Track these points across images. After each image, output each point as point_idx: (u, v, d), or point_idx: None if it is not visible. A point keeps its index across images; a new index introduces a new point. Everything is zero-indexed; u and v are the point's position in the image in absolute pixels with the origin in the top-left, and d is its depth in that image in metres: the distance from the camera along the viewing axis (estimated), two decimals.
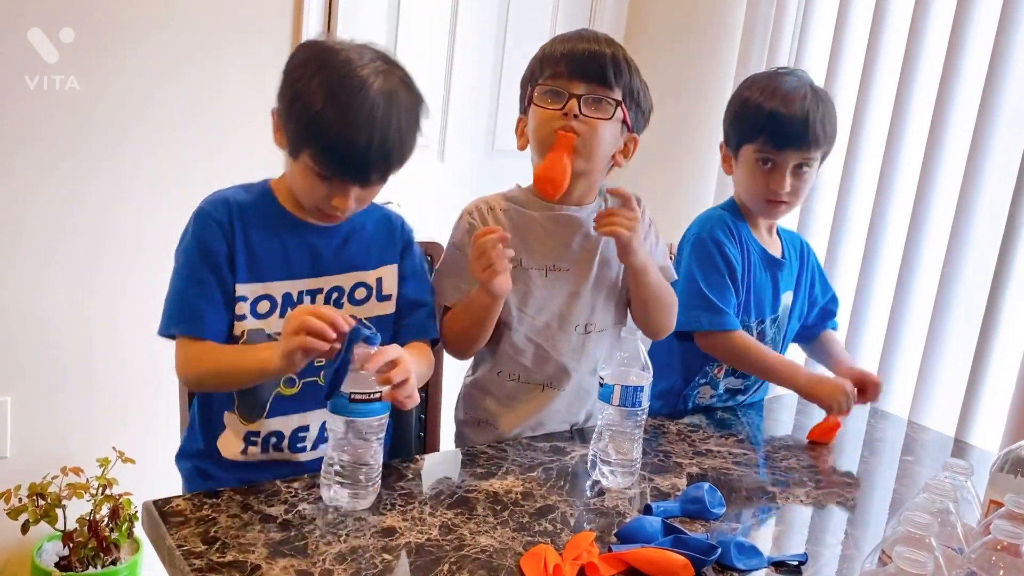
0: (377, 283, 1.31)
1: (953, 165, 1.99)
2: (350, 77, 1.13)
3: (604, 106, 1.34)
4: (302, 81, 1.15)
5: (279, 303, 1.24)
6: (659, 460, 1.35)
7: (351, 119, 1.12)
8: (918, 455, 1.55)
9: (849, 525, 1.21)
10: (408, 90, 1.19)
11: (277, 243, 1.25)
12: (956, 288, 1.95)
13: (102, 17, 1.95)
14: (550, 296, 1.41)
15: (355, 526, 1.05)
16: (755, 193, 1.58)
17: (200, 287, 1.21)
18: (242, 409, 1.26)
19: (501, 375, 1.45)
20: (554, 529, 1.09)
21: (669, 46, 2.70)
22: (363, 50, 1.18)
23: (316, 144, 1.15)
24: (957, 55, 1.95)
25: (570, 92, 1.33)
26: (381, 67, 1.17)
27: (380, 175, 1.20)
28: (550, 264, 1.41)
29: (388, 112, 1.14)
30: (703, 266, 1.56)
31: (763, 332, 1.65)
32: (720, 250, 1.57)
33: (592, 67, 1.34)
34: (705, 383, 1.65)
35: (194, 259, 1.22)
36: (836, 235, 2.23)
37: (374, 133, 1.13)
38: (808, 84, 1.56)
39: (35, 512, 1.87)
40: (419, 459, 1.29)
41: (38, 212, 1.97)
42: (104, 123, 2.00)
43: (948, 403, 1.96)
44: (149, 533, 1.06)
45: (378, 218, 1.35)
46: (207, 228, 1.23)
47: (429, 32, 2.43)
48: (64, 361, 2.06)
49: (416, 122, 1.20)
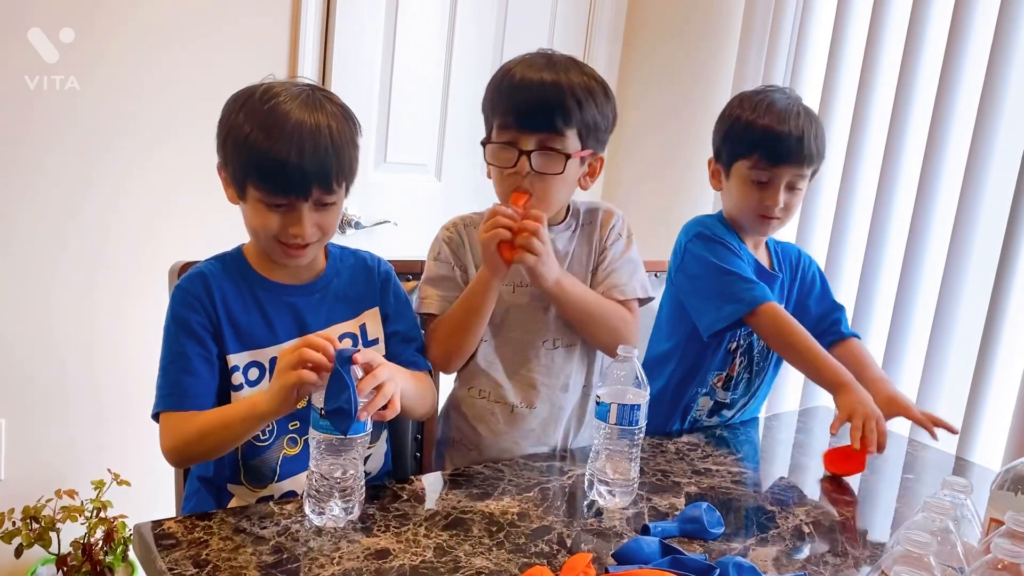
0: (361, 330, 1.33)
1: (952, 174, 1.98)
2: (271, 100, 1.18)
3: (556, 160, 1.33)
4: (230, 119, 1.20)
5: (267, 368, 1.25)
6: (657, 479, 1.34)
7: (278, 134, 1.15)
8: (918, 473, 1.53)
9: (849, 544, 1.19)
10: (334, 105, 1.22)
11: (257, 309, 1.26)
12: (956, 304, 1.95)
13: (102, 17, 1.96)
14: (518, 311, 1.43)
15: (348, 548, 1.03)
16: (748, 209, 1.58)
17: (180, 360, 1.21)
18: (250, 479, 1.26)
19: (472, 391, 1.46)
20: (550, 550, 1.08)
21: (667, 48, 2.71)
22: (285, 82, 1.23)
23: (253, 169, 1.18)
24: (957, 56, 1.95)
25: (520, 149, 1.33)
26: (301, 88, 1.22)
27: (323, 189, 1.19)
28: (517, 280, 1.42)
29: (315, 123, 1.17)
30: (719, 254, 1.56)
31: (751, 344, 1.64)
32: (723, 241, 1.58)
33: (542, 118, 1.32)
34: (705, 393, 1.64)
35: (173, 335, 1.22)
36: (835, 252, 2.22)
37: (303, 143, 1.15)
38: (798, 101, 1.57)
39: (29, 536, 1.86)
40: (414, 480, 1.27)
41: (36, 215, 1.97)
42: (104, 123, 2.00)
43: (949, 420, 1.94)
44: (140, 556, 1.04)
45: (352, 264, 1.36)
46: (184, 304, 1.23)
47: (425, 54, 2.45)
48: (59, 383, 2.06)
49: (349, 135, 1.22)
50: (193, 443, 1.18)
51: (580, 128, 1.34)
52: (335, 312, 1.31)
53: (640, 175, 2.78)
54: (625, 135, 2.82)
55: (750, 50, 2.41)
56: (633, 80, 2.81)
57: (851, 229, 2.20)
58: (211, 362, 1.22)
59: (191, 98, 2.09)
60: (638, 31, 2.80)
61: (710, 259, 1.56)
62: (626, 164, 2.82)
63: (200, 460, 1.25)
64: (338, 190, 1.22)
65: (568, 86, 1.32)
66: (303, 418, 1.25)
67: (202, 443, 1.18)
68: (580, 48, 2.74)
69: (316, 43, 2.24)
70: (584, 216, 1.50)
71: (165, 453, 1.20)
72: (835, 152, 2.21)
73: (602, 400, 1.20)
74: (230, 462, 1.26)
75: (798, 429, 1.70)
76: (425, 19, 2.42)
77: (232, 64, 2.13)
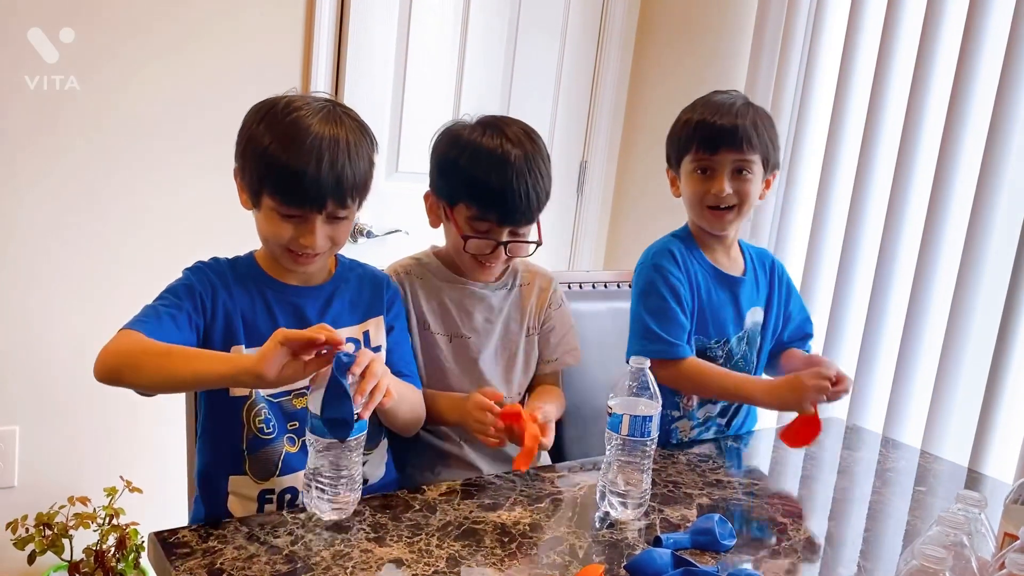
0: (364, 336, 1.35)
1: (966, 181, 1.96)
2: (292, 113, 1.21)
3: (526, 247, 1.45)
4: (251, 129, 1.23)
5: None
6: (668, 490, 1.34)
7: (297, 147, 1.18)
8: (931, 486, 1.53)
9: (861, 557, 1.19)
10: (353, 121, 1.26)
11: (265, 311, 1.28)
12: (969, 316, 1.93)
13: (102, 17, 1.97)
14: (455, 362, 1.49)
15: (361, 558, 1.04)
16: (698, 204, 1.59)
17: (172, 307, 1.21)
18: (255, 470, 1.27)
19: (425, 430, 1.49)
20: (562, 561, 1.08)
21: (678, 53, 2.71)
22: (306, 96, 1.27)
23: (271, 180, 1.21)
24: (972, 52, 1.93)
25: (497, 240, 1.41)
26: (322, 103, 1.25)
27: (338, 203, 1.22)
28: (454, 332, 1.49)
29: (334, 138, 1.21)
30: (646, 297, 1.58)
31: (730, 352, 1.64)
32: (662, 276, 1.58)
33: (523, 213, 1.40)
34: (681, 417, 1.64)
35: (174, 290, 1.24)
36: (846, 262, 2.20)
37: (322, 157, 1.19)
38: (741, 98, 1.61)
39: (42, 542, 1.87)
40: (426, 490, 1.28)
41: (42, 220, 1.97)
42: (104, 123, 2.01)
43: (962, 432, 1.94)
44: (155, 565, 1.05)
45: (361, 275, 1.40)
46: (199, 274, 1.27)
47: (437, 63, 2.46)
48: (72, 390, 2.06)
49: (366, 151, 1.25)
50: (132, 353, 1.11)
51: (541, 211, 1.44)
52: (340, 316, 1.33)
53: (650, 180, 2.77)
54: (636, 140, 2.82)
55: (762, 55, 2.40)
56: (644, 85, 2.81)
57: (863, 236, 2.18)
58: (193, 330, 1.22)
59: (193, 99, 2.09)
60: (649, 36, 2.80)
61: (638, 305, 1.59)
62: (637, 168, 2.82)
63: (125, 375, 1.12)
64: (351, 205, 1.25)
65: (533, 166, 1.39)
66: (301, 419, 1.27)
67: (140, 357, 1.10)
68: (591, 54, 2.76)
69: (329, 52, 2.25)
70: (521, 277, 1.56)
71: (97, 358, 1.12)
72: (848, 156, 2.21)
73: (614, 411, 1.20)
74: (233, 452, 1.26)
75: None
76: (437, 29, 2.43)
77: (237, 67, 2.13)
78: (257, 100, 1.27)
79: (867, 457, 1.61)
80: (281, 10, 2.18)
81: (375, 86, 2.35)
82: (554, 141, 2.73)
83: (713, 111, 1.56)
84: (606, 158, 2.84)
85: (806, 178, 2.34)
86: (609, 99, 2.80)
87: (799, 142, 2.33)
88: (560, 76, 2.71)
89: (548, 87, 2.69)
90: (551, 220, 2.78)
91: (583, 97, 2.78)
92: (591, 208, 2.85)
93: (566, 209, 2.82)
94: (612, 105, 2.81)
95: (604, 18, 2.75)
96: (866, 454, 1.63)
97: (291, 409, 1.28)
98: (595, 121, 2.80)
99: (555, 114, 2.73)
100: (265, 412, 1.26)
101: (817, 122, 2.31)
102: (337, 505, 1.12)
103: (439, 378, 1.48)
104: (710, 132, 1.54)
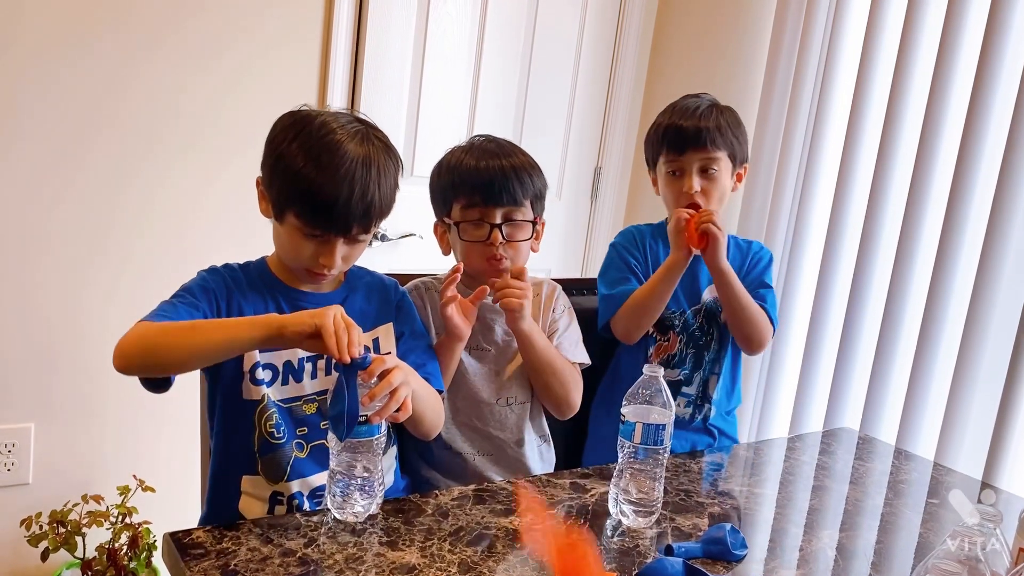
0: (375, 343, 1.36)
1: (984, 190, 1.95)
2: (328, 136, 1.21)
3: (523, 227, 1.49)
4: (283, 145, 1.22)
5: (280, 371, 1.28)
6: (680, 499, 1.34)
7: (331, 174, 1.19)
8: (943, 498, 1.52)
9: (873, 569, 1.19)
10: (384, 146, 1.27)
11: (275, 311, 1.29)
12: (984, 328, 1.92)
13: (123, 27, 1.97)
14: (476, 371, 1.54)
15: (375, 562, 1.04)
16: (672, 202, 1.70)
17: (190, 305, 1.22)
18: (267, 471, 1.28)
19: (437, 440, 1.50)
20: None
21: (696, 56, 2.71)
22: (339, 115, 1.27)
23: (299, 202, 1.21)
24: (992, 56, 1.92)
25: (490, 222, 1.46)
26: (357, 127, 1.25)
27: (362, 228, 1.24)
28: (475, 344, 1.53)
29: (367, 165, 1.21)
30: (603, 270, 1.77)
31: (686, 322, 1.74)
32: (617, 252, 1.77)
33: (505, 190, 1.45)
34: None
35: (194, 289, 1.26)
36: (862, 263, 2.19)
37: (354, 186, 1.19)
38: (709, 100, 1.72)
39: (55, 540, 1.88)
40: (438, 494, 1.28)
41: (66, 220, 1.99)
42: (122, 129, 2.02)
43: (975, 445, 1.93)
44: (169, 565, 1.06)
45: (369, 283, 1.41)
46: (214, 275, 1.29)
47: (453, 67, 2.47)
48: (87, 389, 2.08)
49: (394, 177, 1.27)
50: (156, 335, 1.12)
51: (533, 196, 1.50)
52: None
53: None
54: None
55: (779, 61, 2.39)
56: (659, 92, 2.80)
57: (879, 244, 2.17)
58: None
59: (212, 108, 2.10)
60: (665, 43, 2.80)
61: (600, 283, 1.76)
62: None
63: (151, 356, 1.14)
64: (374, 228, 1.27)
65: (517, 160, 1.49)
66: (310, 424, 1.29)
67: (165, 336, 1.12)
68: (608, 59, 2.76)
69: (347, 55, 2.26)
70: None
71: (116, 348, 1.14)
72: (865, 163, 2.20)
73: (627, 419, 1.21)
74: (246, 454, 1.28)
75: (822, 451, 1.69)
76: (454, 33, 2.44)
77: (255, 75, 2.14)
78: (272, 106, 1.27)
79: (880, 468, 1.61)
80: (299, 17, 2.18)
81: (392, 89, 2.36)
82: (569, 146, 2.74)
83: (680, 115, 1.68)
84: (621, 164, 2.84)
85: (822, 184, 2.32)
86: (624, 106, 2.80)
87: (816, 149, 2.32)
88: (576, 83, 2.71)
89: (564, 94, 2.70)
90: (565, 225, 2.79)
91: (598, 104, 2.78)
92: (605, 213, 2.85)
93: (580, 214, 2.83)
94: (627, 112, 2.81)
95: (620, 26, 2.75)
96: (879, 465, 1.62)
97: (301, 415, 1.29)
98: (610, 127, 2.80)
99: (570, 120, 2.73)
100: (276, 416, 1.27)
101: (834, 131, 2.29)
102: (351, 507, 1.13)
103: (461, 384, 1.53)
104: (677, 133, 1.67)
